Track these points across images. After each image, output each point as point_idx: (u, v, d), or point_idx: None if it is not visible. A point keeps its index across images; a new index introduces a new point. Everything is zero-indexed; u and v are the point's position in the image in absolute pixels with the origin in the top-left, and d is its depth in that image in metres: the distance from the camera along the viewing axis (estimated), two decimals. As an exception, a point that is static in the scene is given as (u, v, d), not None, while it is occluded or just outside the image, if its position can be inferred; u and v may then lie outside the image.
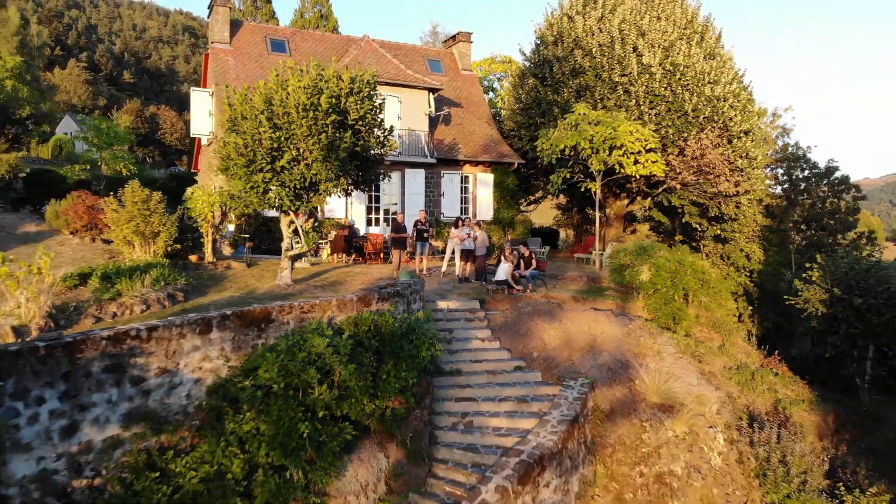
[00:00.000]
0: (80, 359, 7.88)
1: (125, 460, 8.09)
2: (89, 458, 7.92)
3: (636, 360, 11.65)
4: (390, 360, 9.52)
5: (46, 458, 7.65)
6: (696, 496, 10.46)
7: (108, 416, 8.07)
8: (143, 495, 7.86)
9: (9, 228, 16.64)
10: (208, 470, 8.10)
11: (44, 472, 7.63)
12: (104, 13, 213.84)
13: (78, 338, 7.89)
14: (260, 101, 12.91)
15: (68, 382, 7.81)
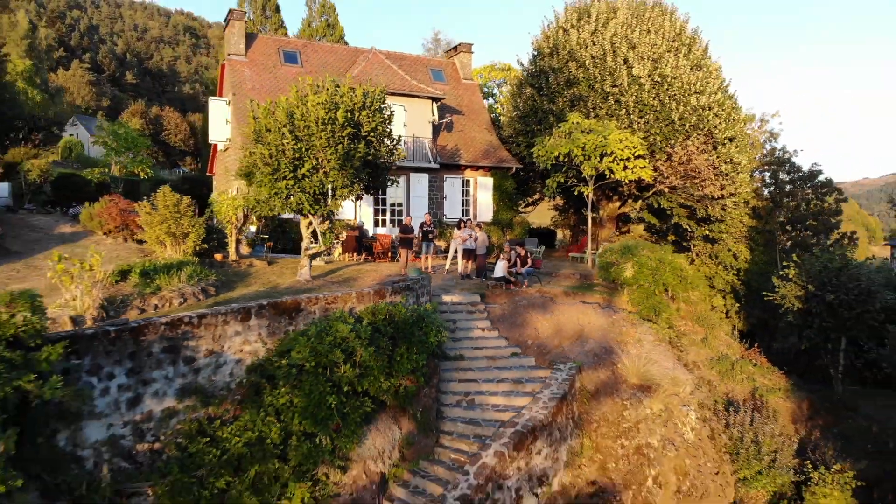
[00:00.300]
0: (144, 341, 9.36)
1: (179, 428, 9.57)
2: (150, 426, 9.41)
3: (619, 347, 13.14)
4: (403, 345, 11.00)
5: (115, 424, 9.14)
6: (670, 466, 11.94)
7: (165, 390, 9.55)
8: (196, 457, 9.34)
9: (46, 230, 18.09)
10: (250, 436, 9.57)
11: (113, 437, 9.12)
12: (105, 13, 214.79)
13: (142, 323, 9.38)
14: (283, 115, 14.35)
15: (133, 361, 9.29)
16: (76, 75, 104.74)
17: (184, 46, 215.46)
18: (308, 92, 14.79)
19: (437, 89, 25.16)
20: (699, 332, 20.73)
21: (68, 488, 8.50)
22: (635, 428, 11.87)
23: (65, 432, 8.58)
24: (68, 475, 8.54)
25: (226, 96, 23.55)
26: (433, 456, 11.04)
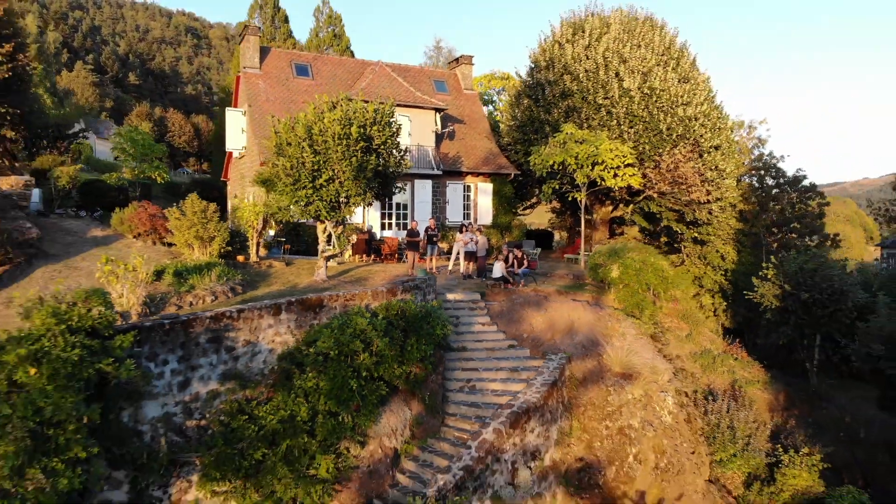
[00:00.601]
0: (192, 332, 10.92)
1: (222, 407, 11.12)
2: (197, 405, 10.96)
3: (604, 340, 14.69)
4: (413, 337, 12.55)
5: (168, 404, 10.69)
6: (649, 445, 13.49)
7: (209, 374, 11.11)
8: (237, 432, 10.90)
9: (80, 233, 19.60)
10: (283, 414, 11.13)
11: (167, 415, 10.68)
12: (107, 14, 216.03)
13: (190, 317, 10.93)
14: (302, 130, 15.89)
15: (184, 350, 10.84)
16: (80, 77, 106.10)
17: (185, 47, 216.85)
18: (324, 108, 16.34)
19: (440, 100, 26.71)
20: (684, 328, 22.31)
21: (131, 458, 10.05)
22: (618, 411, 13.42)
23: (128, 410, 10.13)
24: (131, 447, 10.09)
25: (241, 107, 25.07)
26: (439, 434, 12.59)
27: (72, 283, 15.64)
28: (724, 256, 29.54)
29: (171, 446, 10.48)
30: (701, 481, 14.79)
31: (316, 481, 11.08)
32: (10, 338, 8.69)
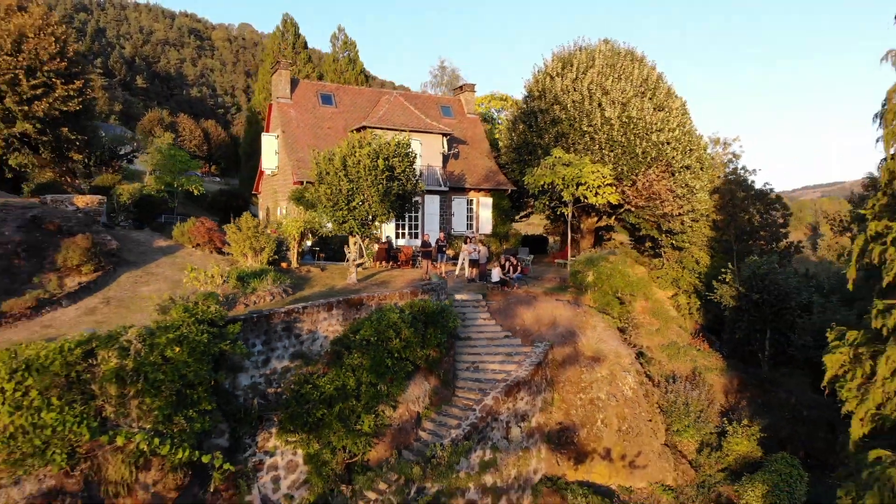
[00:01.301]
0: (272, 323, 14.90)
1: (292, 378, 15.10)
2: (275, 377, 14.95)
3: (580, 331, 18.67)
4: (431, 328, 16.52)
5: (255, 376, 14.68)
6: (613, 412, 17.49)
7: (283, 354, 15.09)
8: (303, 397, 14.86)
9: (147, 244, 23.53)
10: (336, 384, 15.10)
11: (254, 383, 14.66)
12: (111, 16, 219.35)
13: (271, 312, 14.92)
14: (339, 162, 19.84)
15: (266, 336, 14.82)
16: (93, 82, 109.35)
17: (189, 49, 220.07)
18: (356, 144, 20.30)
19: (446, 124, 30.67)
20: (655, 323, 26.28)
21: (232, 414, 14.03)
22: (589, 386, 17.42)
23: (229, 379, 14.11)
24: (232, 406, 14.08)
25: (274, 132, 29.01)
26: (451, 402, 16.59)
27: (153, 286, 19.65)
28: (699, 261, 33.50)
29: (258, 407, 14.47)
30: (657, 444, 18.77)
31: (360, 434, 15.07)
32: (159, 327, 12.68)
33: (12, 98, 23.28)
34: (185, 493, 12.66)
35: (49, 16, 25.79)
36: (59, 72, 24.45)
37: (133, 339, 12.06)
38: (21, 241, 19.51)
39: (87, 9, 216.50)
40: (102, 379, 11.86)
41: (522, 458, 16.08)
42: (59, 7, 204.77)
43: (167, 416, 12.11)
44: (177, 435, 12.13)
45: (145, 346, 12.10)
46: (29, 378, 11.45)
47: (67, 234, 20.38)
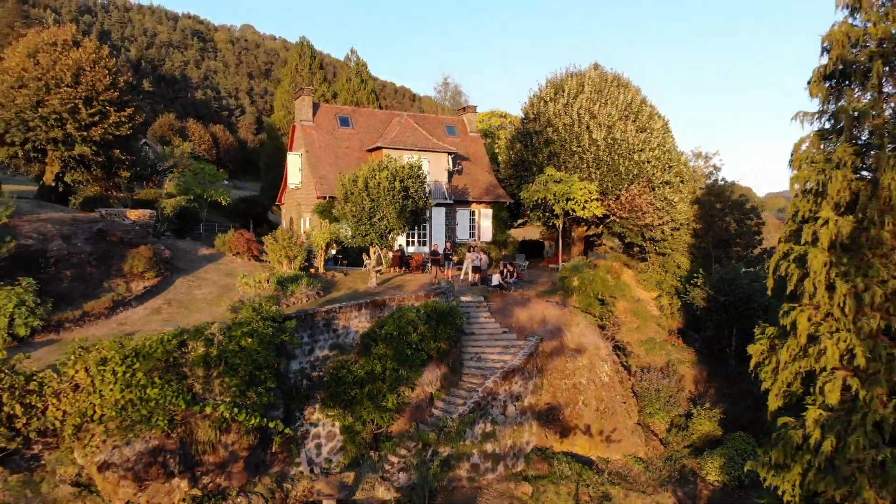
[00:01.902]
0: (315, 319, 18.57)
1: (331, 364, 18.76)
2: (318, 363, 18.62)
3: (565, 328, 22.32)
4: (441, 324, 20.18)
5: (303, 362, 18.35)
6: (592, 395, 21.17)
7: (324, 345, 18.76)
8: (340, 380, 18.52)
9: (193, 252, 27.16)
10: (366, 369, 18.75)
11: (302, 368, 18.33)
12: (115, 18, 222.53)
13: (315, 311, 18.60)
14: (362, 184, 23.48)
15: (311, 330, 18.50)
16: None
17: (192, 51, 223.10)
18: (376, 168, 23.94)
19: (451, 143, 34.31)
20: (636, 322, 29.97)
21: (286, 392, 17.66)
22: (572, 373, 21.09)
23: (283, 364, 17.77)
24: (285, 386, 17.72)
25: (298, 151, 32.64)
26: (458, 386, 20.26)
27: (205, 290, 23.31)
28: (680, 266, 37.15)
29: (305, 387, 18.13)
30: (631, 422, 22.45)
31: (385, 410, 18.74)
32: (235, 323, 16.35)
33: (73, 124, 26.90)
34: (253, 453, 16.34)
35: (101, 49, 29.41)
36: (112, 101, 28.08)
37: (216, 332, 15.73)
38: (91, 252, 23.19)
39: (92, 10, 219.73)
40: (192, 363, 15.53)
41: (517, 431, 19.76)
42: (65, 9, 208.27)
43: (242, 391, 15.78)
44: (249, 406, 15.80)
45: (225, 337, 15.77)
46: (136, 363, 15.11)
47: (129, 245, 24.05)
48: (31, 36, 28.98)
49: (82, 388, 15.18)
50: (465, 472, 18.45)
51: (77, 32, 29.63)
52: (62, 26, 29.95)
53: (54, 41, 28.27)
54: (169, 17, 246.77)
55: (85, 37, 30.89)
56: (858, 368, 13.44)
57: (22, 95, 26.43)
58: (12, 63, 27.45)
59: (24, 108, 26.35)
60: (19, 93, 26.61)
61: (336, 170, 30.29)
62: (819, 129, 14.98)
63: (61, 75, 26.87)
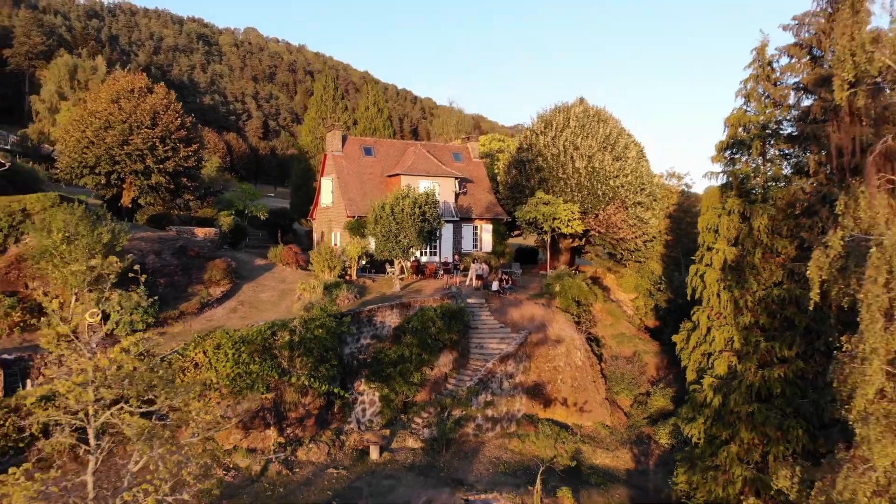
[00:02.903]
0: (360, 316, 25.39)
1: (371, 349, 25.53)
2: (363, 348, 25.44)
3: (549, 323, 29.07)
4: (453, 320, 26.95)
5: (353, 348, 25.19)
6: (568, 375, 27.96)
7: (367, 335, 25.58)
8: (379, 360, 25.31)
9: (250, 263, 33.84)
10: (398, 353, 25.51)
11: (352, 352, 25.15)
12: (122, 22, 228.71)
13: (359, 310, 25.42)
14: (388, 209, 30.18)
15: (357, 324, 25.31)
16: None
17: (198, 55, 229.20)
18: (400, 196, 30.63)
19: (457, 168, 41.02)
20: (610, 320, 36.75)
21: (342, 369, 24.42)
22: (553, 358, 27.86)
23: (340, 349, 24.50)
24: (342, 364, 24.46)
25: (329, 176, 39.33)
26: (466, 367, 27.03)
27: (267, 294, 30.05)
28: (654, 272, 43.96)
29: (355, 365, 24.88)
30: (599, 397, 29.21)
31: (412, 384, 25.49)
32: (309, 318, 23.09)
33: (151, 158, 33.61)
34: (322, 412, 23.08)
35: (169, 94, 36.13)
36: (181, 138, 34.80)
37: (297, 325, 22.48)
38: (177, 264, 29.95)
39: (99, 15, 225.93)
40: (280, 347, 22.27)
41: (510, 401, 26.52)
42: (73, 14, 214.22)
43: (315, 367, 22.52)
44: (320, 378, 22.55)
45: (304, 328, 22.52)
46: (242, 347, 21.84)
47: (204, 258, 30.81)
48: (111, 83, 35.71)
49: (201, 366, 21.89)
50: (471, 429, 25.21)
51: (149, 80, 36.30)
52: (135, 74, 36.64)
53: (132, 88, 34.97)
54: (174, 21, 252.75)
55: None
56: (737, 350, 20.24)
57: (110, 136, 33.14)
58: (99, 107, 34.17)
59: (112, 146, 33.08)
60: (108, 133, 33.31)
61: (362, 193, 37.04)
62: (720, 184, 21.78)
63: (142, 119, 33.60)
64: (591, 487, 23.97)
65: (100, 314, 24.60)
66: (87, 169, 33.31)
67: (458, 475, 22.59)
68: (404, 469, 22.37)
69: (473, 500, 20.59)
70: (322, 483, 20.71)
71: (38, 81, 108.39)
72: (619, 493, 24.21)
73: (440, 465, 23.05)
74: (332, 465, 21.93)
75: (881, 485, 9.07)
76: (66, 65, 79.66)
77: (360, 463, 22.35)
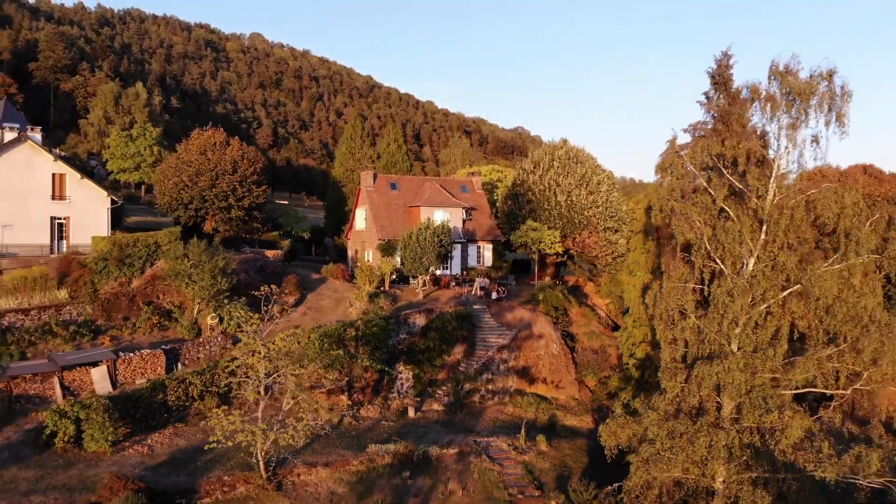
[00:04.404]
0: (398, 317, 36.86)
1: (406, 342, 36.97)
2: (401, 341, 36.89)
3: (533, 323, 40.43)
4: (464, 321, 38.39)
5: (394, 340, 36.68)
6: (547, 361, 39.45)
7: (403, 332, 37.16)
8: (413, 349, 36.71)
9: (308, 277, 45.12)
10: (425, 345, 37.03)
11: (393, 343, 36.68)
12: (133, 30, 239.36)
13: (398, 314, 36.92)
14: (415, 237, 41.53)
15: (397, 323, 36.83)
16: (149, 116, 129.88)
17: (207, 62, 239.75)
18: (422, 227, 42.00)
19: (464, 199, 52.29)
20: (584, 321, 48.13)
21: (388, 355, 35.86)
22: (536, 348, 39.29)
23: (385, 341, 35.90)
24: (388, 351, 35.88)
25: (362, 206, 50.64)
26: (473, 355, 38.48)
27: (326, 301, 41.50)
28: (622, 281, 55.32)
29: (396, 353, 36.28)
30: (570, 378, 40.65)
31: (435, 367, 36.91)
32: (368, 320, 34.48)
33: (232, 198, 44.84)
34: (375, 384, 34.46)
35: (243, 146, 47.35)
36: (254, 181, 46.05)
37: (360, 324, 33.85)
38: (261, 280, 41.24)
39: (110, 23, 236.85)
40: (349, 339, 33.65)
41: (505, 380, 37.90)
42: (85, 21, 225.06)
43: (372, 353, 33.89)
44: (376, 360, 33.93)
45: (364, 326, 33.89)
46: (325, 338, 33.22)
47: (278, 274, 42.19)
48: (197, 138, 46.88)
49: (295, 351, 33.20)
50: (477, 398, 36.55)
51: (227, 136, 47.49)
52: (215, 130, 47.78)
53: (215, 142, 46.19)
54: (182, 28, 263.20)
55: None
56: (651, 342, 31.59)
57: (202, 181, 44.34)
58: (191, 157, 45.36)
59: (204, 189, 44.29)
60: (199, 178, 44.50)
61: (389, 220, 48.32)
62: (643, 231, 33.13)
63: (225, 167, 44.84)
64: (561, 438, 35.31)
65: (217, 318, 36.05)
66: (182, 206, 44.50)
67: (468, 427, 33.98)
68: (432, 422, 33.76)
69: (480, 441, 31.94)
70: (379, 429, 32.09)
71: (60, 94, 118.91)
72: (580, 443, 35.56)
73: (456, 421, 34.44)
74: (384, 419, 33.29)
75: (668, 399, 20.13)
76: (112, 91, 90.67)
77: (402, 418, 33.73)
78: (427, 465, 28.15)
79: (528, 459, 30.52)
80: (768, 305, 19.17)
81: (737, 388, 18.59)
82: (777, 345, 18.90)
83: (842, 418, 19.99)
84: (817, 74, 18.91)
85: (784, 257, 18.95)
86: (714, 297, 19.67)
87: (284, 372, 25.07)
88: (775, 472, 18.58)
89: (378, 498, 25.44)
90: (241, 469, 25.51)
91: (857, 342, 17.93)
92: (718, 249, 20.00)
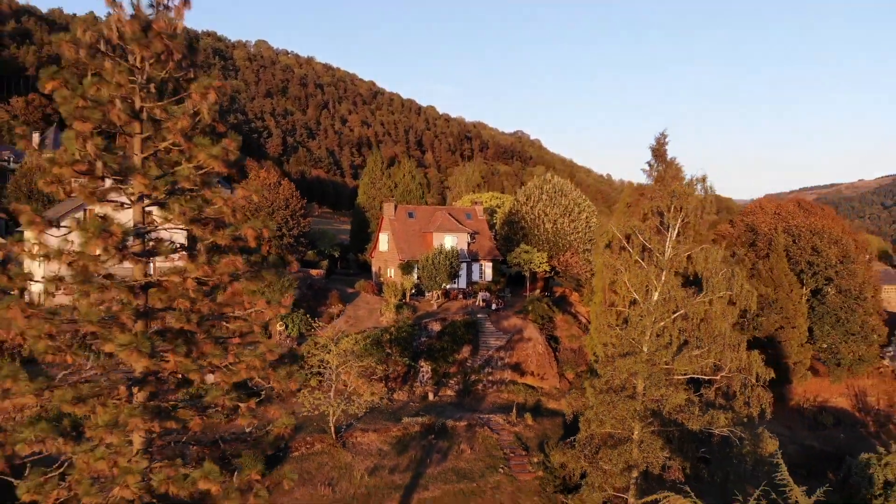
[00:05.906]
0: (421, 324, 48.97)
1: (426, 343, 49.08)
2: (423, 342, 49.07)
3: (524, 329, 52.46)
4: (470, 327, 50.47)
5: (417, 341, 48.81)
6: (535, 358, 51.60)
7: (424, 336, 49.37)
8: (433, 348, 48.85)
9: (344, 291, 57.09)
10: (441, 346, 49.17)
11: (416, 344, 48.74)
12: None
13: (419, 322, 49.03)
14: (431, 260, 53.58)
15: (420, 329, 48.91)
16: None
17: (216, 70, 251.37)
18: (437, 251, 54.11)
19: (468, 224, 64.26)
20: (566, 326, 60.17)
21: (414, 353, 48.03)
22: (525, 348, 51.40)
23: (411, 343, 48.00)
24: (414, 351, 48.02)
25: (385, 231, 62.63)
26: (478, 354, 50.61)
27: (362, 311, 53.71)
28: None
29: (419, 352, 48.37)
30: (554, 372, 52.81)
31: (448, 362, 49.02)
32: (399, 327, 46.62)
33: (284, 228, 56.76)
34: (404, 376, 46.53)
35: (290, 187, 59.27)
36: (300, 214, 57.97)
37: (393, 330, 45.93)
38: (311, 295, 53.52)
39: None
40: (384, 341, 45.73)
41: (502, 373, 49.98)
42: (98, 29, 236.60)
43: (402, 352, 45.99)
44: (406, 357, 46.06)
45: (396, 331, 45.97)
46: (366, 340, 45.33)
47: (323, 290, 54.34)
48: (255, 179, 58.78)
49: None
50: (480, 387, 48.62)
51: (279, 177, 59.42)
52: (270, 171, 59.65)
53: (268, 182, 58.11)
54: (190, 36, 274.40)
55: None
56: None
57: (260, 216, 56.25)
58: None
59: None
60: (258, 213, 56.39)
61: (408, 244, 60.28)
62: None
63: (279, 204, 56.76)
64: (543, 417, 47.42)
65: (284, 325, 48.18)
66: (242, 233, 56.50)
67: (474, 408, 46.11)
68: (447, 404, 45.88)
69: (483, 417, 44.01)
70: (408, 408, 44.18)
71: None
72: (558, 420, 47.62)
73: (465, 403, 46.56)
74: (411, 401, 45.41)
75: (603, 381, 32.15)
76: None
77: (424, 401, 45.84)
78: (445, 433, 40.24)
79: (518, 430, 42.60)
80: (664, 323, 31.19)
81: (644, 374, 30.57)
82: (669, 348, 30.90)
83: (715, 394, 32.06)
84: (693, 179, 30.94)
85: (675, 292, 30.95)
86: (630, 316, 31.70)
87: (351, 364, 37.07)
88: (665, 426, 30.61)
89: (412, 454, 37.57)
90: (318, 433, 37.60)
91: (712, 348, 30.00)
92: (634, 286, 32.05)
